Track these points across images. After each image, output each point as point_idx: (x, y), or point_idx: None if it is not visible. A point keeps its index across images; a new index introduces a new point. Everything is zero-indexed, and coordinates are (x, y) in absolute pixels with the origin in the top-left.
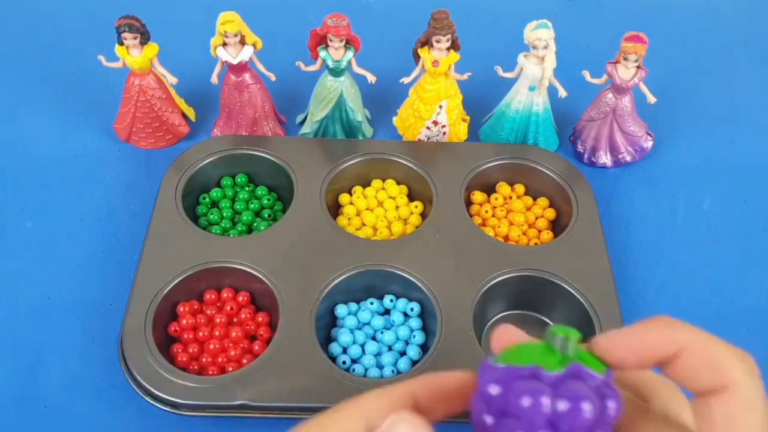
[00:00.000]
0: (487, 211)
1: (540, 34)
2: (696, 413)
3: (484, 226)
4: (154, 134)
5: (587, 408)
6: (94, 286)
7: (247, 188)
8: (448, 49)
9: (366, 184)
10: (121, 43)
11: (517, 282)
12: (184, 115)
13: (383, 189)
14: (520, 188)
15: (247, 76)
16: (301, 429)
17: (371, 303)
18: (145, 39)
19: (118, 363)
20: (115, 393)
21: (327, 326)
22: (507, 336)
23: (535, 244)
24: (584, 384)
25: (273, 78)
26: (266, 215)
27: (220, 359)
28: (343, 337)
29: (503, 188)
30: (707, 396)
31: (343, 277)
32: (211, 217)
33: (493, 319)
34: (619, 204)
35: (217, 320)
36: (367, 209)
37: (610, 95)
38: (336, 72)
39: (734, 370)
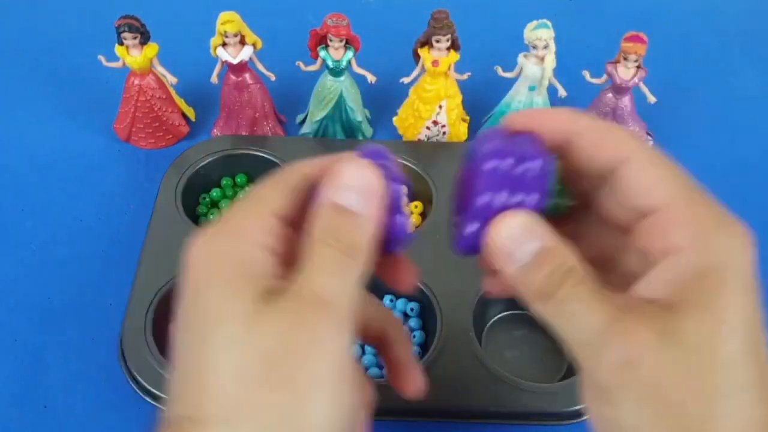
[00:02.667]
0: None
1: (540, 34)
2: (615, 190)
3: None
4: (154, 134)
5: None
6: (94, 286)
7: (247, 188)
8: (448, 49)
9: None
10: (121, 43)
11: None
12: (184, 115)
13: None
14: None
15: (247, 76)
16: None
17: None
18: (145, 39)
19: (118, 363)
20: (115, 393)
21: None
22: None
23: None
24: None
25: (273, 78)
26: None
27: None
28: None
29: None
30: (616, 172)
31: None
32: (211, 217)
33: (493, 319)
34: None
35: None
36: None
37: (610, 95)
38: (336, 72)
39: (627, 144)
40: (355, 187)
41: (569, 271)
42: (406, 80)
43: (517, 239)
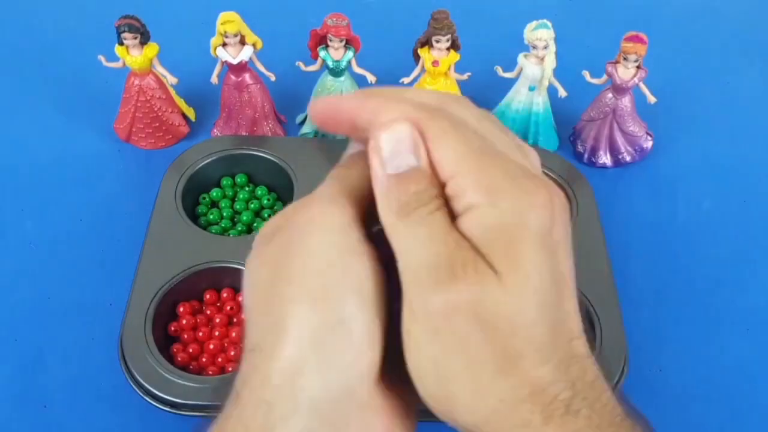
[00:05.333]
0: None
1: (540, 34)
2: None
3: None
4: (154, 134)
5: None
6: (94, 286)
7: (246, 188)
8: (448, 49)
9: None
10: (121, 43)
11: None
12: (184, 115)
13: None
14: None
15: (247, 76)
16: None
17: None
18: (145, 39)
19: (118, 363)
20: (115, 393)
21: None
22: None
23: None
24: None
25: (273, 78)
26: (266, 215)
27: (219, 359)
28: None
29: None
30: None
31: None
32: (211, 217)
33: None
34: (619, 204)
35: (217, 320)
36: None
37: (610, 95)
38: (336, 72)
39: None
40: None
41: (433, 196)
42: (406, 80)
43: (400, 146)
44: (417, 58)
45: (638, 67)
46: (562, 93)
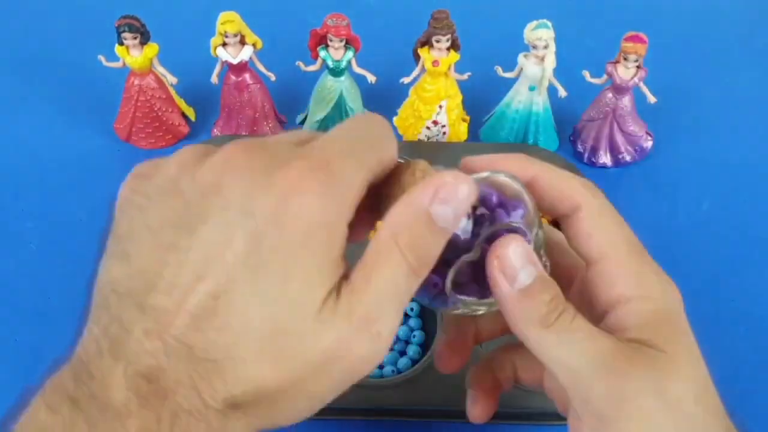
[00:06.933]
0: None
1: (540, 34)
2: (565, 235)
3: None
4: (154, 134)
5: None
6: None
7: None
8: (448, 49)
9: None
10: (121, 43)
11: None
12: (184, 115)
13: None
14: None
15: (247, 76)
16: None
17: None
18: (145, 39)
19: None
20: None
21: None
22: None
23: None
24: None
25: (273, 78)
26: None
27: None
28: None
29: None
30: (567, 218)
31: None
32: None
33: None
34: (619, 204)
35: None
36: None
37: (610, 95)
38: (336, 72)
39: (579, 194)
40: (457, 206)
41: (566, 301)
42: (406, 80)
43: (522, 260)
44: (417, 58)
45: (638, 67)
46: (562, 93)
